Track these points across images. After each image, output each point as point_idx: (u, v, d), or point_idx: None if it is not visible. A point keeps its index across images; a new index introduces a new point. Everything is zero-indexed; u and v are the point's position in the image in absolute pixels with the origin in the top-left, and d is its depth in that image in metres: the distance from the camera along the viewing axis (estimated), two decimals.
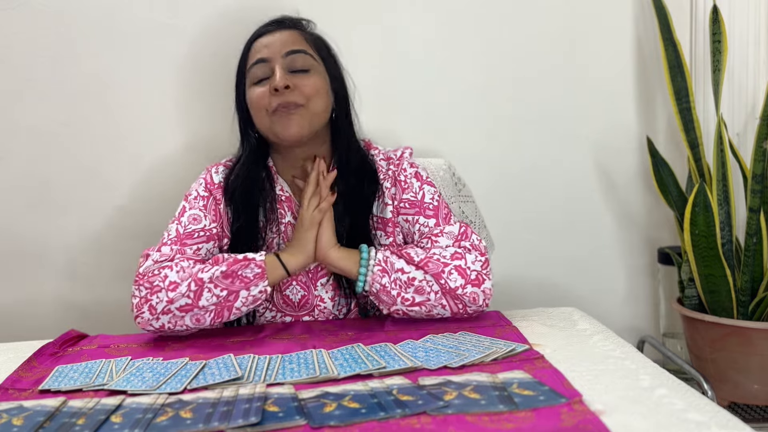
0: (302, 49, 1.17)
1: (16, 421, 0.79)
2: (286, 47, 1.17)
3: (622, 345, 0.99)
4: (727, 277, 1.44)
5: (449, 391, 0.81)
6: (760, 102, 1.63)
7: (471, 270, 1.11)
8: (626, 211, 1.73)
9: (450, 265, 1.11)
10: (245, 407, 0.79)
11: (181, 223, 1.17)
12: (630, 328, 1.76)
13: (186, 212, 1.19)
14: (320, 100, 1.18)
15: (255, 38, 1.21)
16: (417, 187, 1.22)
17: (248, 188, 1.20)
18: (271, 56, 1.17)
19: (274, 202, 1.21)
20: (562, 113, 1.67)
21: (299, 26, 1.23)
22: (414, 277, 1.10)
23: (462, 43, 1.63)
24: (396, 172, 1.23)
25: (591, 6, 1.64)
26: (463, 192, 1.51)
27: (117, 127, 1.58)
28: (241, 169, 1.22)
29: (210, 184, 1.22)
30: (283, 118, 1.15)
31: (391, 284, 1.10)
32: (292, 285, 1.19)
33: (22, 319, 1.61)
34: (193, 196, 1.21)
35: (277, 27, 1.21)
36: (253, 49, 1.20)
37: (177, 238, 1.15)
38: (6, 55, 1.54)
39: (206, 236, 1.17)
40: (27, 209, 1.59)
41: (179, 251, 1.13)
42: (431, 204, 1.21)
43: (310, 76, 1.17)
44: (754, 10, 1.63)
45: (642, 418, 0.73)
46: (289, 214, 1.22)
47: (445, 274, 1.10)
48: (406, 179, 1.23)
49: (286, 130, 1.15)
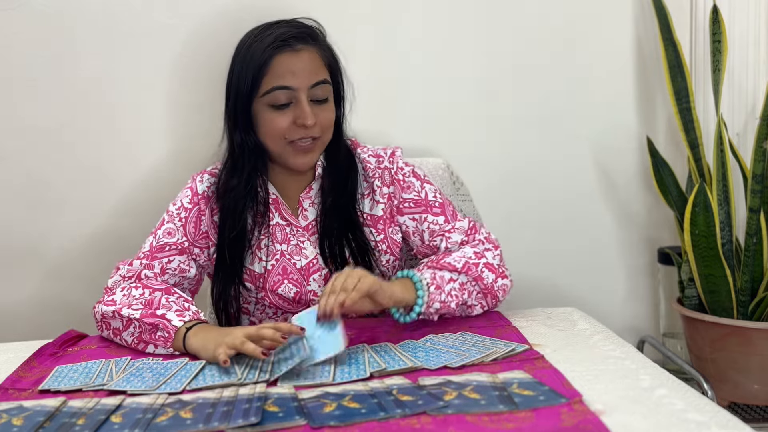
0: (324, 79, 1.17)
1: (16, 421, 0.80)
2: (311, 77, 1.15)
3: (622, 345, 0.99)
4: (727, 277, 1.44)
5: (449, 391, 0.81)
6: (760, 102, 1.62)
7: (495, 265, 1.17)
8: (626, 211, 1.73)
9: (480, 264, 1.15)
10: (245, 407, 0.79)
11: (156, 236, 1.20)
12: (630, 328, 1.75)
13: (163, 225, 1.21)
14: (331, 129, 1.21)
15: (275, 51, 1.14)
16: (419, 186, 1.23)
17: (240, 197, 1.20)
18: (297, 86, 1.14)
19: (265, 206, 1.22)
20: (562, 113, 1.67)
21: (318, 41, 1.19)
22: (462, 282, 1.14)
23: (462, 43, 1.63)
24: (392, 170, 1.24)
25: (591, 6, 1.64)
26: (461, 191, 1.51)
27: (117, 127, 1.58)
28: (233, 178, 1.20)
29: (195, 195, 1.23)
30: (299, 154, 1.17)
31: (448, 296, 1.12)
32: (284, 284, 1.20)
33: (22, 319, 1.61)
34: (177, 207, 1.22)
35: (299, 42, 1.15)
36: (274, 69, 1.14)
37: (149, 252, 1.19)
38: (6, 55, 1.53)
39: (178, 250, 1.20)
40: (27, 209, 1.58)
41: (147, 266, 1.18)
42: (436, 201, 1.23)
43: (327, 106, 1.18)
44: (754, 10, 1.63)
45: (642, 418, 0.73)
46: (277, 215, 1.23)
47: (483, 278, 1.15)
48: (404, 178, 1.23)
49: (300, 165, 1.19)
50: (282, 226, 1.22)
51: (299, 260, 1.21)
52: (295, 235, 1.22)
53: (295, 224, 1.22)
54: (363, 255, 1.20)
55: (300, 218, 1.23)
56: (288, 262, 1.21)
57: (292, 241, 1.22)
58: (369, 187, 1.24)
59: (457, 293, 1.12)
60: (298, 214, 1.23)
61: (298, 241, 1.22)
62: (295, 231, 1.22)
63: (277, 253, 1.21)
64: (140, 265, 1.18)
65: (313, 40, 1.18)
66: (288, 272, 1.21)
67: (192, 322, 1.06)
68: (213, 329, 1.04)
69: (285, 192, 1.24)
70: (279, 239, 1.22)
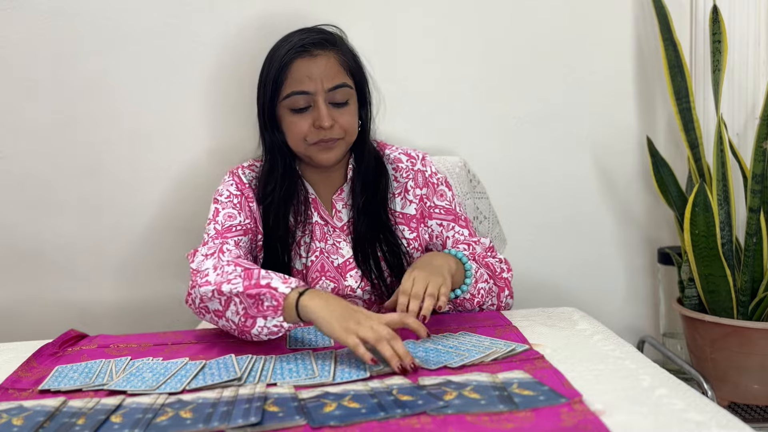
0: (343, 83, 1.19)
1: (16, 421, 0.79)
2: (328, 81, 1.18)
3: (622, 345, 0.99)
4: (727, 277, 1.44)
5: (449, 391, 0.81)
6: (760, 102, 1.63)
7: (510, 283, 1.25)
8: (626, 211, 1.73)
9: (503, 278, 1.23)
10: (245, 407, 0.79)
11: (218, 222, 1.21)
12: (630, 328, 1.76)
13: (220, 212, 1.22)
14: (355, 131, 1.24)
15: (293, 58, 1.18)
16: (450, 196, 1.30)
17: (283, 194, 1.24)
18: (315, 90, 1.17)
19: (305, 205, 1.26)
20: (562, 113, 1.67)
21: (337, 45, 1.22)
22: (491, 288, 1.20)
23: (462, 43, 1.63)
24: (426, 173, 1.29)
25: (591, 6, 1.64)
26: (477, 189, 1.54)
27: (117, 128, 1.58)
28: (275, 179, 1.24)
29: (240, 184, 1.26)
30: (322, 150, 1.21)
31: (476, 292, 1.17)
32: (322, 279, 1.24)
33: (22, 319, 1.61)
34: (225, 196, 1.24)
35: (316, 48, 1.18)
36: (292, 74, 1.18)
37: (217, 234, 1.18)
38: (6, 55, 1.54)
39: (243, 230, 1.21)
40: (27, 209, 1.58)
41: (223, 242, 1.16)
42: (463, 215, 1.30)
43: (348, 108, 1.21)
44: (754, 10, 1.63)
45: (642, 418, 0.73)
46: (316, 215, 1.26)
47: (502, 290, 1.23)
48: (438, 184, 1.30)
49: (326, 160, 1.22)
50: (321, 225, 1.26)
51: (336, 258, 1.25)
52: (332, 235, 1.26)
53: (331, 224, 1.26)
54: (395, 257, 1.24)
55: (335, 219, 1.27)
56: (326, 260, 1.25)
57: (329, 240, 1.26)
58: (400, 186, 1.28)
59: (484, 293, 1.19)
60: (333, 215, 1.27)
61: (334, 240, 1.26)
62: (332, 231, 1.26)
63: (316, 250, 1.25)
64: (215, 244, 1.15)
65: (332, 45, 1.21)
66: (326, 269, 1.24)
67: (302, 287, 1.00)
68: (334, 298, 0.99)
69: (318, 193, 1.28)
70: (318, 237, 1.26)
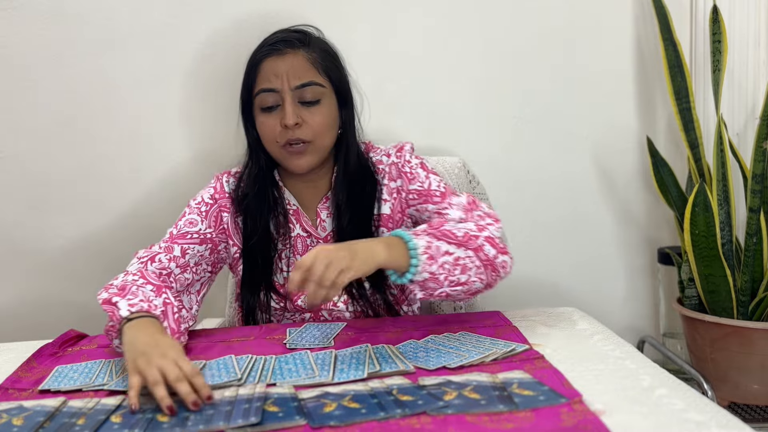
0: (311, 81, 1.16)
1: (16, 421, 0.79)
2: (296, 79, 1.15)
3: (622, 345, 0.99)
4: (727, 277, 1.44)
5: (449, 391, 0.81)
6: (760, 102, 1.62)
7: (497, 238, 1.10)
8: (626, 211, 1.73)
9: (480, 237, 1.08)
10: (245, 407, 0.79)
11: (177, 226, 1.20)
12: (630, 328, 1.76)
13: (185, 216, 1.21)
14: (328, 134, 1.19)
15: (263, 57, 1.18)
16: (423, 176, 1.22)
17: (259, 203, 1.21)
18: (280, 87, 1.15)
19: (285, 216, 1.23)
20: (562, 113, 1.67)
21: (308, 44, 1.19)
22: (458, 257, 1.04)
23: (463, 43, 1.63)
24: (400, 164, 1.23)
25: (591, 5, 1.64)
26: (477, 190, 1.51)
27: (117, 127, 1.58)
28: (249, 183, 1.23)
29: (218, 192, 1.24)
30: (293, 155, 1.18)
31: (439, 269, 1.02)
32: (304, 295, 1.19)
33: (22, 319, 1.61)
34: (197, 201, 1.23)
35: (285, 46, 1.17)
36: (261, 72, 1.17)
37: (169, 238, 1.18)
38: (6, 55, 1.54)
39: (199, 239, 1.19)
40: (27, 209, 1.59)
41: (167, 249, 1.16)
42: (438, 191, 1.20)
43: (319, 108, 1.18)
44: (754, 10, 1.63)
45: (642, 418, 0.73)
46: (298, 227, 1.23)
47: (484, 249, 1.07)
48: (411, 170, 1.23)
49: (297, 166, 1.19)
50: (303, 238, 1.23)
51: None
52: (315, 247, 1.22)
53: (315, 235, 1.23)
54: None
55: (319, 229, 1.23)
56: None
57: None
58: (381, 189, 1.23)
59: (450, 267, 1.03)
60: (317, 225, 1.24)
61: None
62: (316, 242, 1.23)
63: None
64: (158, 249, 1.16)
65: (302, 44, 1.18)
66: None
67: (136, 315, 0.96)
68: (149, 333, 0.93)
69: (303, 202, 1.25)
70: (300, 251, 1.22)
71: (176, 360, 0.85)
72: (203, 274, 1.22)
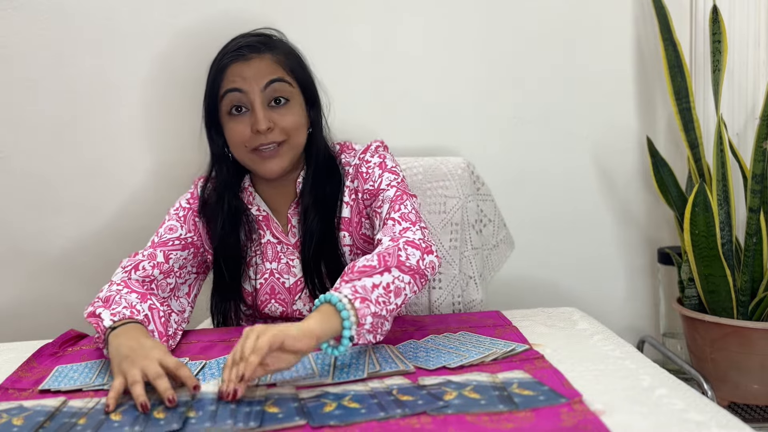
0: (279, 77, 1.14)
1: (16, 421, 0.80)
2: (263, 78, 1.13)
3: (622, 345, 0.99)
4: (727, 277, 1.44)
5: (449, 391, 0.81)
6: (760, 102, 1.62)
7: (419, 239, 1.05)
8: (626, 211, 1.73)
9: (399, 246, 1.02)
10: (246, 411, 0.79)
11: (158, 234, 1.21)
12: (630, 328, 1.76)
13: (165, 223, 1.22)
14: (299, 132, 1.17)
15: (228, 63, 1.15)
16: (377, 175, 1.18)
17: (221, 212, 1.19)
18: (248, 88, 1.13)
19: (253, 223, 1.22)
20: (562, 113, 1.67)
21: (272, 47, 1.17)
22: (388, 283, 0.97)
23: (462, 43, 1.63)
24: (360, 165, 1.21)
25: (591, 5, 1.64)
26: (481, 191, 1.50)
27: (117, 127, 1.58)
28: (211, 193, 1.21)
29: (193, 198, 1.25)
30: (264, 159, 1.15)
31: (376, 305, 0.93)
32: (271, 303, 1.21)
33: (22, 319, 1.61)
34: (175, 207, 1.24)
35: (250, 51, 1.15)
36: (227, 77, 1.15)
37: (152, 245, 1.19)
38: (6, 55, 1.54)
39: (181, 245, 1.20)
40: (27, 209, 1.59)
41: (150, 256, 1.16)
42: (387, 188, 1.15)
43: (289, 108, 1.16)
44: (754, 10, 1.63)
45: (642, 418, 0.73)
46: (268, 233, 1.22)
47: (403, 259, 1.00)
48: (368, 170, 1.19)
49: (268, 170, 1.16)
50: (273, 244, 1.22)
51: (288, 279, 1.20)
52: (285, 253, 1.21)
53: (285, 242, 1.21)
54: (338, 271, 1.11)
55: (290, 235, 1.22)
56: (276, 282, 1.21)
57: (282, 260, 1.21)
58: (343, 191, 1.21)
59: (384, 299, 0.95)
60: (288, 231, 1.22)
61: (288, 259, 1.20)
62: (286, 249, 1.21)
63: (266, 272, 1.21)
64: (141, 257, 1.16)
65: (267, 48, 1.16)
66: (276, 292, 1.21)
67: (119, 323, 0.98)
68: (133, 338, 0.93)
69: (275, 208, 1.23)
70: (270, 257, 1.21)
71: (160, 359, 0.87)
72: (188, 277, 1.23)
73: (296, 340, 0.84)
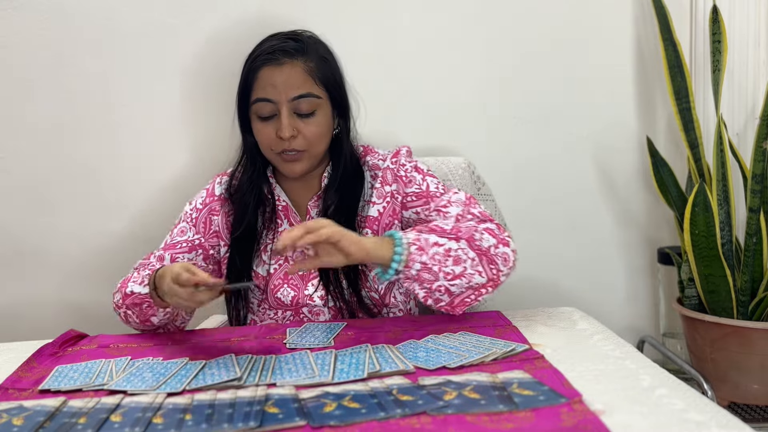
0: (308, 93, 1.17)
1: (16, 421, 0.79)
2: (293, 90, 1.16)
3: (622, 345, 0.99)
4: (727, 277, 1.44)
5: (449, 391, 0.81)
6: (760, 102, 1.63)
7: (497, 231, 1.11)
8: (626, 211, 1.73)
9: (480, 226, 1.10)
10: (246, 410, 0.79)
11: (172, 234, 1.26)
12: (630, 328, 1.76)
13: (178, 224, 1.27)
14: (322, 142, 1.22)
15: (260, 66, 1.18)
16: (420, 179, 1.24)
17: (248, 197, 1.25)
18: (277, 98, 1.17)
19: (274, 212, 1.26)
20: (562, 113, 1.67)
21: (305, 52, 1.19)
22: (450, 248, 1.05)
23: (463, 43, 1.63)
24: (395, 169, 1.25)
25: (591, 5, 1.64)
26: (482, 191, 1.51)
27: (117, 128, 1.58)
28: (242, 178, 1.27)
29: (210, 196, 1.28)
30: (287, 162, 1.20)
31: (431, 260, 1.03)
32: (284, 287, 1.22)
33: (22, 319, 1.61)
34: (191, 207, 1.28)
35: (283, 56, 1.17)
36: (258, 81, 1.18)
37: (164, 246, 1.24)
38: (6, 55, 1.54)
39: (188, 247, 1.24)
40: (27, 209, 1.59)
41: (159, 257, 1.22)
42: (437, 192, 1.22)
43: (314, 119, 1.19)
44: (754, 10, 1.63)
45: (642, 418, 0.73)
46: (286, 222, 1.26)
47: (477, 239, 1.07)
48: (406, 174, 1.24)
49: (291, 172, 1.22)
50: None
51: None
52: None
53: None
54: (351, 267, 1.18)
55: None
56: None
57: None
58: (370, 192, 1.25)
59: (441, 258, 1.03)
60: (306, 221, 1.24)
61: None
62: None
63: (281, 258, 1.23)
64: (153, 259, 1.22)
65: (300, 53, 1.18)
66: (289, 277, 1.23)
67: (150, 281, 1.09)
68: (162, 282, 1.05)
69: (295, 199, 1.27)
70: None
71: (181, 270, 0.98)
72: None
73: (351, 243, 0.98)
